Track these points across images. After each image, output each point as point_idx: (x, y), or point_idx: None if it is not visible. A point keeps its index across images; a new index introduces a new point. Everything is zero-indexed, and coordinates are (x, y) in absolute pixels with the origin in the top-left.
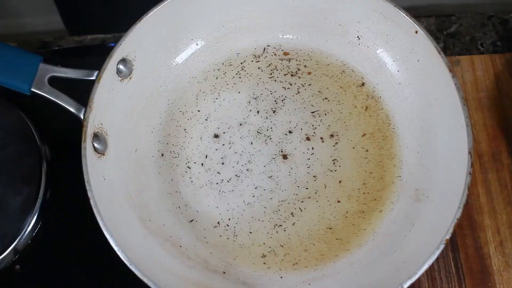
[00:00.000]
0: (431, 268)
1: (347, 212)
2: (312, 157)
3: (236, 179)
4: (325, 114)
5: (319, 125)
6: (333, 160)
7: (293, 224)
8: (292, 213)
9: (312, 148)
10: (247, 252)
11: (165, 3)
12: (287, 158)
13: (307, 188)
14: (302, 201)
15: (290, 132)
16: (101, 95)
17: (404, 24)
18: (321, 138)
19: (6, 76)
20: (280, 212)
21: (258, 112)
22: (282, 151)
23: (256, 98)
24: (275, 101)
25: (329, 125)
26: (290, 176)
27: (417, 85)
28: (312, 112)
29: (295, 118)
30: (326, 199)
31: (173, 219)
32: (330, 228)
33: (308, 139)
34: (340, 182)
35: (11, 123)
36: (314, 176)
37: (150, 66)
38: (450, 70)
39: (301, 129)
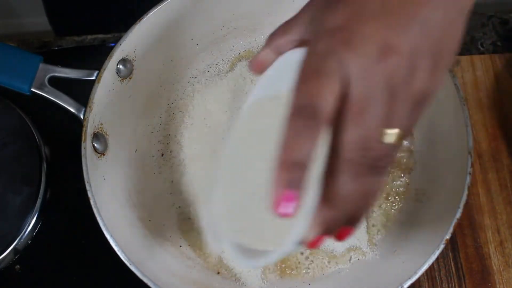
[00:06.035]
0: (431, 268)
1: None
2: None
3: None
4: None
5: None
6: None
7: None
8: None
9: None
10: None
11: (165, 3)
12: None
13: None
14: None
15: None
16: (101, 95)
17: None
18: None
19: (6, 76)
20: None
21: None
22: None
23: None
24: None
25: None
26: None
27: None
28: None
29: None
30: None
31: (173, 219)
32: None
33: None
34: None
35: (11, 123)
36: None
37: (150, 66)
38: (450, 70)
39: None
